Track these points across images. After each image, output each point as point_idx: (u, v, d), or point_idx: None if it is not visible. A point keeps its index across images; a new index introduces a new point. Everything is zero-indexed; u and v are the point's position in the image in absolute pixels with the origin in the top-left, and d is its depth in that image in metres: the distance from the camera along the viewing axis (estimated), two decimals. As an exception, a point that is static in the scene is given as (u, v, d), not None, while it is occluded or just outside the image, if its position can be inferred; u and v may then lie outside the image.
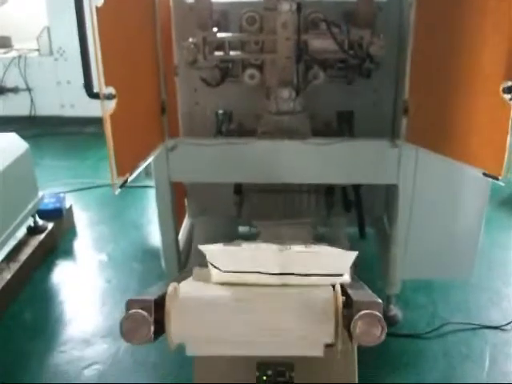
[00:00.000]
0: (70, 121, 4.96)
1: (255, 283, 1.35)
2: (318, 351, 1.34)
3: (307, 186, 2.56)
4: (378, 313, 1.27)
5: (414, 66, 1.98)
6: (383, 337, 1.28)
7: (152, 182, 3.67)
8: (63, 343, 2.49)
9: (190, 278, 1.52)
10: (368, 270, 2.45)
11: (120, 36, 1.69)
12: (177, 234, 2.43)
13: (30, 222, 3.11)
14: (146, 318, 1.31)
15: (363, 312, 1.26)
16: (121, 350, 2.44)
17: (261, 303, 1.30)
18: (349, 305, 1.29)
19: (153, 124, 2.04)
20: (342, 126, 2.48)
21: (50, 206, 3.22)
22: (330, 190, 2.59)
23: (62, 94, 4.95)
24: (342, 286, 1.37)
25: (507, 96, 1.62)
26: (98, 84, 1.60)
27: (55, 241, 3.20)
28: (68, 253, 3.19)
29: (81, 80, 5.16)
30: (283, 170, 2.16)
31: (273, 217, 2.48)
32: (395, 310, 2.53)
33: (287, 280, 1.34)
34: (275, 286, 1.32)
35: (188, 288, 1.41)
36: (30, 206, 3.02)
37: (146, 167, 3.21)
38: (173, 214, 2.30)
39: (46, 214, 3.19)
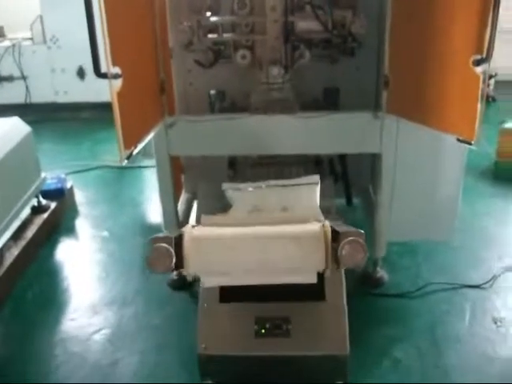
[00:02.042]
0: (65, 107, 5.08)
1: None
2: (312, 278, 1.54)
3: (297, 159, 2.72)
4: (361, 240, 1.45)
5: (393, 44, 2.14)
6: (364, 261, 1.47)
7: (148, 162, 3.87)
8: (71, 312, 2.66)
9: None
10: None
11: (124, 21, 1.84)
12: (176, 205, 2.59)
13: (34, 201, 3.26)
14: (169, 250, 1.54)
15: (349, 238, 1.46)
16: (125, 316, 2.61)
17: (263, 239, 1.49)
18: (335, 238, 1.49)
19: (153, 102, 2.20)
20: (328, 101, 2.65)
21: (53, 187, 3.38)
22: (318, 162, 2.76)
23: (56, 81, 5.07)
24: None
25: (476, 68, 1.80)
26: (106, 64, 1.74)
27: (58, 219, 3.36)
28: (71, 230, 3.35)
29: (74, 67, 5.32)
30: (274, 142, 2.33)
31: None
32: (382, 272, 2.72)
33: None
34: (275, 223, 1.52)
35: (201, 229, 1.64)
36: (33, 187, 3.17)
37: (142, 148, 3.39)
38: (172, 185, 2.47)
39: (48, 194, 3.35)
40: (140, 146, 2.05)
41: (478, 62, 1.78)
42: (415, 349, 2.32)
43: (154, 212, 3.49)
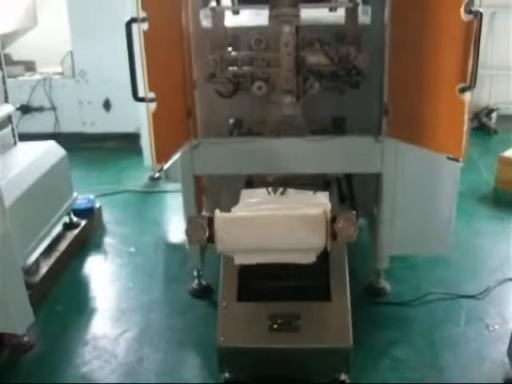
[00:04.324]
0: (91, 137, 5.42)
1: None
2: (312, 257, 1.92)
3: (307, 180, 3.00)
4: (353, 217, 1.88)
5: (391, 76, 2.45)
6: (355, 235, 1.89)
7: (169, 187, 4.18)
8: (100, 316, 2.94)
9: None
10: (361, 254, 2.93)
11: (159, 55, 2.16)
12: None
13: (66, 219, 3.56)
14: (203, 225, 1.90)
15: (344, 215, 1.87)
16: (150, 320, 2.87)
17: (277, 219, 1.80)
18: (334, 220, 1.86)
19: (181, 125, 2.51)
20: (336, 129, 2.94)
21: (83, 206, 3.69)
22: (326, 183, 3.03)
23: (83, 113, 5.43)
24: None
25: (461, 95, 2.09)
26: (144, 90, 2.06)
27: (88, 235, 3.65)
28: (99, 245, 3.64)
29: (100, 100, 5.70)
30: (286, 162, 2.62)
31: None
32: (384, 284, 2.96)
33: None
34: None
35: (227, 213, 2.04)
36: (66, 205, 3.47)
37: (165, 172, 3.72)
38: (195, 202, 2.75)
39: (79, 213, 3.65)
40: (169, 163, 2.35)
41: (463, 89, 2.08)
42: (413, 350, 2.56)
43: (175, 232, 3.78)
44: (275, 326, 2.26)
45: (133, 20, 2.08)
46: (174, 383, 2.43)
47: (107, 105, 5.34)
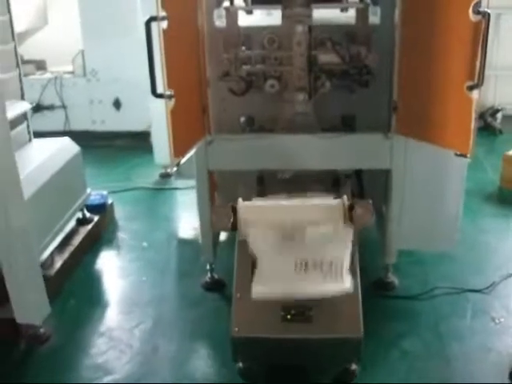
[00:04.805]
0: (101, 135, 5.50)
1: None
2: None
3: (318, 177, 3.07)
4: (369, 205, 2.04)
5: (401, 74, 2.52)
6: (372, 221, 2.05)
7: (179, 184, 4.25)
8: (115, 308, 3.02)
9: None
10: (370, 251, 3.00)
11: (176, 51, 2.24)
12: (211, 215, 2.95)
13: (79, 214, 3.63)
14: (228, 213, 2.04)
15: (361, 203, 2.03)
16: (163, 312, 2.94)
17: (296, 207, 1.88)
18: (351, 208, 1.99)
19: (196, 122, 2.59)
20: (346, 126, 3.01)
21: (96, 202, 3.76)
22: (336, 181, 3.10)
23: (94, 111, 5.51)
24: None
25: (469, 93, 2.16)
26: (163, 86, 2.13)
27: (100, 231, 3.72)
28: (111, 241, 3.71)
29: (110, 99, 5.77)
30: (298, 158, 2.69)
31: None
32: (392, 278, 3.03)
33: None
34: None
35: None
36: (80, 201, 3.55)
37: (178, 169, 3.79)
38: (209, 197, 2.82)
39: (92, 208, 3.72)
40: (186, 157, 2.42)
41: (470, 88, 2.15)
42: (421, 341, 2.63)
43: (186, 228, 3.86)
44: (288, 317, 2.32)
45: (152, 19, 2.15)
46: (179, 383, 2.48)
47: (117, 104, 5.42)
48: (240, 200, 2.06)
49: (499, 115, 5.61)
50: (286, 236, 1.99)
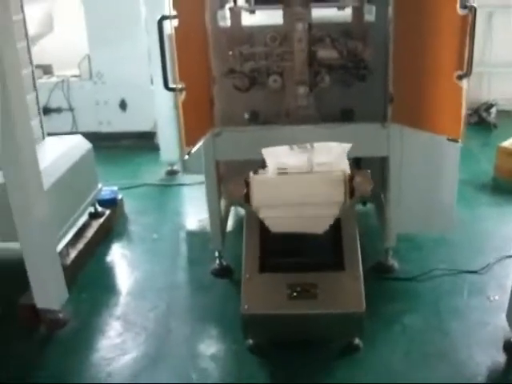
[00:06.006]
0: (108, 136, 5.65)
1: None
2: (335, 210, 2.20)
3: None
4: (368, 175, 2.19)
5: (395, 67, 2.68)
6: (370, 190, 2.18)
7: (186, 180, 4.40)
8: (128, 295, 3.17)
9: None
10: (370, 237, 3.17)
11: (186, 47, 2.40)
12: (219, 204, 3.11)
13: (92, 208, 3.79)
14: (242, 183, 2.24)
15: (360, 173, 2.18)
16: (176, 297, 3.11)
17: (301, 181, 2.05)
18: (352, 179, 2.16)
19: (205, 114, 2.75)
20: (344, 118, 3.17)
21: (107, 196, 3.92)
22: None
23: (100, 113, 5.67)
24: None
25: (459, 81, 2.33)
26: (174, 80, 2.30)
27: (112, 224, 3.88)
28: (123, 233, 3.87)
29: (116, 100, 5.92)
30: (301, 148, 2.85)
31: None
32: (392, 261, 3.19)
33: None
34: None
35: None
36: (92, 195, 3.71)
37: (183, 164, 3.95)
38: (216, 186, 2.99)
39: (103, 203, 3.88)
40: (196, 147, 2.59)
41: (460, 77, 2.32)
42: (421, 317, 2.80)
43: (193, 220, 4.02)
44: (294, 295, 2.49)
45: (164, 17, 2.32)
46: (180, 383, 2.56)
47: (123, 105, 5.58)
48: (251, 173, 2.23)
49: (494, 110, 5.77)
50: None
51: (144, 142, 5.36)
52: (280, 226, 2.39)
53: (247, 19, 3.02)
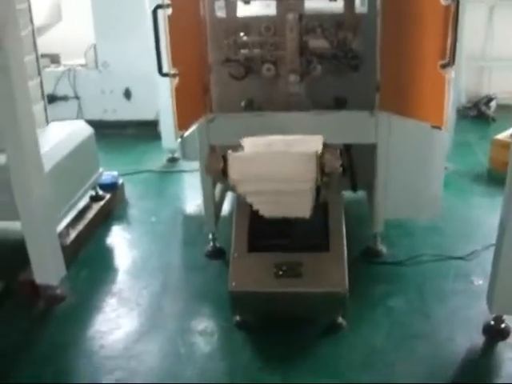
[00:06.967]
0: (112, 124, 5.77)
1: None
2: (307, 185, 2.30)
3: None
4: (337, 151, 2.30)
5: (382, 56, 2.77)
6: (339, 167, 2.28)
7: (186, 167, 4.51)
8: (125, 273, 3.30)
9: None
10: (360, 224, 3.26)
11: (179, 35, 2.51)
12: (213, 189, 3.22)
13: (92, 192, 3.91)
14: (219, 158, 2.33)
15: (329, 150, 2.29)
16: (170, 276, 3.23)
17: (276, 157, 2.16)
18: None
19: (199, 100, 2.86)
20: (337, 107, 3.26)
21: (108, 180, 4.04)
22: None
23: (105, 101, 5.78)
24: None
25: (442, 70, 2.41)
26: (168, 66, 2.40)
27: (112, 207, 4.00)
28: (122, 216, 3.99)
29: (121, 89, 6.04)
30: (292, 133, 2.93)
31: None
32: (381, 246, 3.28)
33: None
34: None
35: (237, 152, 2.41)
36: (93, 178, 3.83)
37: (182, 151, 4.05)
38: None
39: (104, 187, 4.00)
40: (188, 131, 2.69)
41: (443, 65, 2.40)
42: (405, 300, 2.89)
43: (191, 205, 4.13)
44: (280, 273, 2.59)
45: (158, 6, 2.43)
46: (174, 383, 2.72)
47: (128, 94, 5.69)
48: (229, 151, 2.33)
49: (493, 104, 5.81)
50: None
51: (148, 130, 5.47)
52: (267, 211, 2.49)
53: (243, 10, 3.12)
